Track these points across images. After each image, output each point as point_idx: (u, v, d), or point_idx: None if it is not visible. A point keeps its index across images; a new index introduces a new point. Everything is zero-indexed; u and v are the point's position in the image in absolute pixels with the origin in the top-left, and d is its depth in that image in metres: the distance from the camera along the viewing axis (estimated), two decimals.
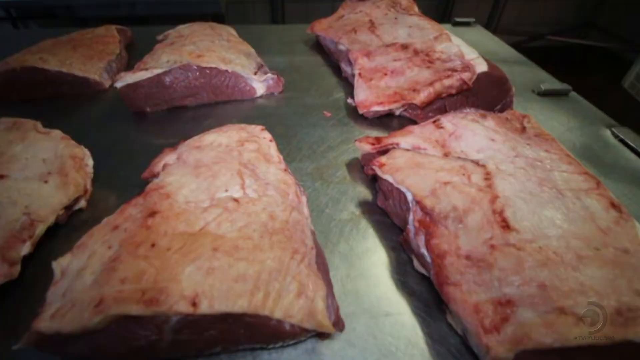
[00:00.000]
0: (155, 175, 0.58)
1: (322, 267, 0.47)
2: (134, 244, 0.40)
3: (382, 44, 0.93)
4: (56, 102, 0.86)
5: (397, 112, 0.80)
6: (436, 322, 0.45)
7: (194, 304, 0.36)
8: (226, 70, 0.82)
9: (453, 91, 0.76)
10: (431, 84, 0.76)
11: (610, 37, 3.16)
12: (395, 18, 1.03)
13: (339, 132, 0.78)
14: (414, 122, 0.80)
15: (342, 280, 0.50)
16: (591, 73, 3.05)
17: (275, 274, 0.42)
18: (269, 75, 0.88)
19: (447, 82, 0.75)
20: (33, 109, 0.84)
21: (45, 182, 0.54)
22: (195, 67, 0.80)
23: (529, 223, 0.45)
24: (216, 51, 0.85)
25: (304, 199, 0.56)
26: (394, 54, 0.88)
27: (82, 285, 0.37)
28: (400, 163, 0.57)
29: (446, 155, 0.57)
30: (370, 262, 0.52)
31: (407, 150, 0.60)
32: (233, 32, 1.04)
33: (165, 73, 0.78)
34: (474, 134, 0.60)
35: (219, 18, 3.13)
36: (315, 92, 0.92)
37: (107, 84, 0.90)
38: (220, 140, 0.62)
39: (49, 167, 0.56)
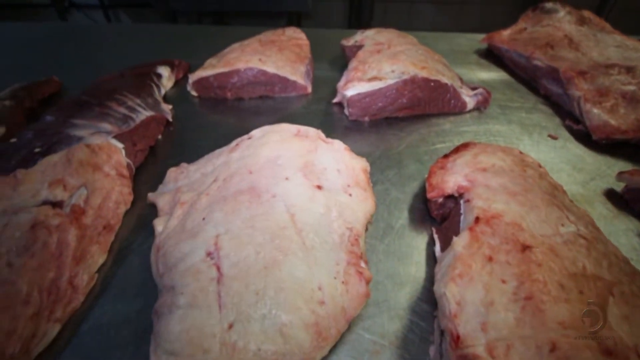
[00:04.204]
0: (445, 195, 0.57)
1: None
2: (539, 282, 0.39)
3: (592, 63, 0.88)
4: (264, 103, 0.88)
5: (634, 141, 0.75)
6: None
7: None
8: (446, 84, 0.80)
9: None
10: None
11: None
12: (594, 35, 0.98)
13: (572, 157, 0.74)
14: None
15: None
16: None
17: None
18: (479, 90, 0.85)
19: None
20: (249, 109, 0.86)
21: (350, 195, 0.54)
22: (420, 78, 0.78)
23: None
24: (428, 62, 0.84)
25: None
26: (618, 76, 0.82)
27: (504, 323, 0.36)
28: None
29: None
30: None
31: None
32: (416, 40, 1.02)
33: (395, 83, 0.77)
34: None
35: (302, 16, 3.14)
36: (521, 109, 0.88)
37: (309, 87, 0.90)
38: (498, 163, 0.59)
39: (345, 179, 0.56)
